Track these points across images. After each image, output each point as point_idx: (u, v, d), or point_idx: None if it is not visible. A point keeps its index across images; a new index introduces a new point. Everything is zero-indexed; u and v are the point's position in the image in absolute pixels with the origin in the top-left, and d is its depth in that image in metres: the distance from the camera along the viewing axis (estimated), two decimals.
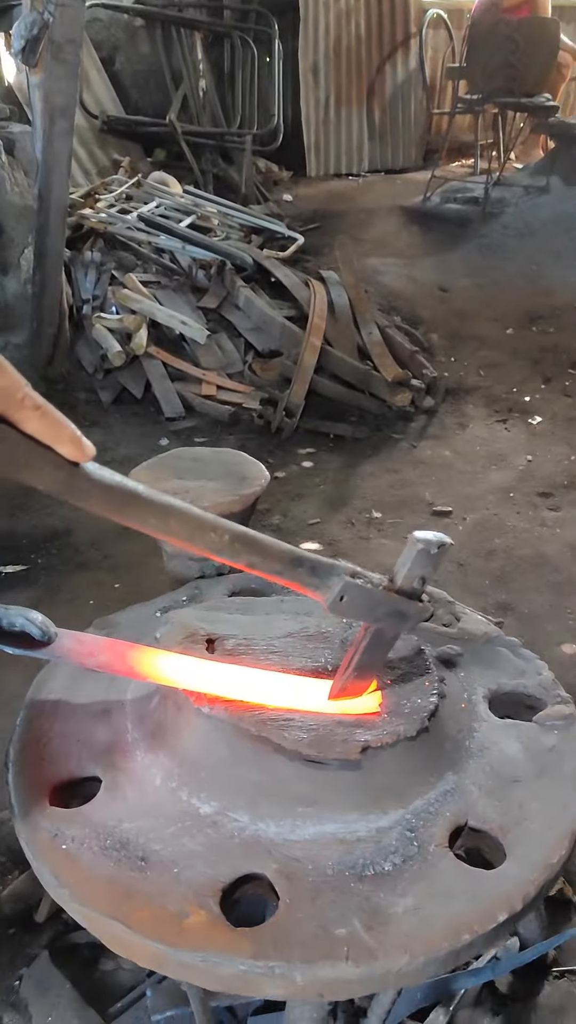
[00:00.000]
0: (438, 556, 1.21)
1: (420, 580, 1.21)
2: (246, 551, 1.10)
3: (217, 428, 4.65)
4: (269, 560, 1.12)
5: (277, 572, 1.13)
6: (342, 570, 1.17)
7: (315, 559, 1.15)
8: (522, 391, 5.20)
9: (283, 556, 1.13)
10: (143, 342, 4.92)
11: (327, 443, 4.59)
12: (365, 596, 1.18)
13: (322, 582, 1.15)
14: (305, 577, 1.14)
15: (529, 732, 1.37)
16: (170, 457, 1.85)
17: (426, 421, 4.88)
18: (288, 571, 1.13)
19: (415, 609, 1.22)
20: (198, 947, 1.04)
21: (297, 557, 1.14)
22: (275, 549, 1.13)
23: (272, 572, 1.12)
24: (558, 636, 3.00)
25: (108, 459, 4.32)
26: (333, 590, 1.15)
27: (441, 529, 1.32)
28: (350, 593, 1.16)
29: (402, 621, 1.22)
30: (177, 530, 1.06)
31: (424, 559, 1.20)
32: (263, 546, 1.12)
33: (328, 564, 1.16)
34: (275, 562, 1.12)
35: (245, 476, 1.77)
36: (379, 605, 1.19)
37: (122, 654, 1.25)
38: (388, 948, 1.04)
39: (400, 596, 1.21)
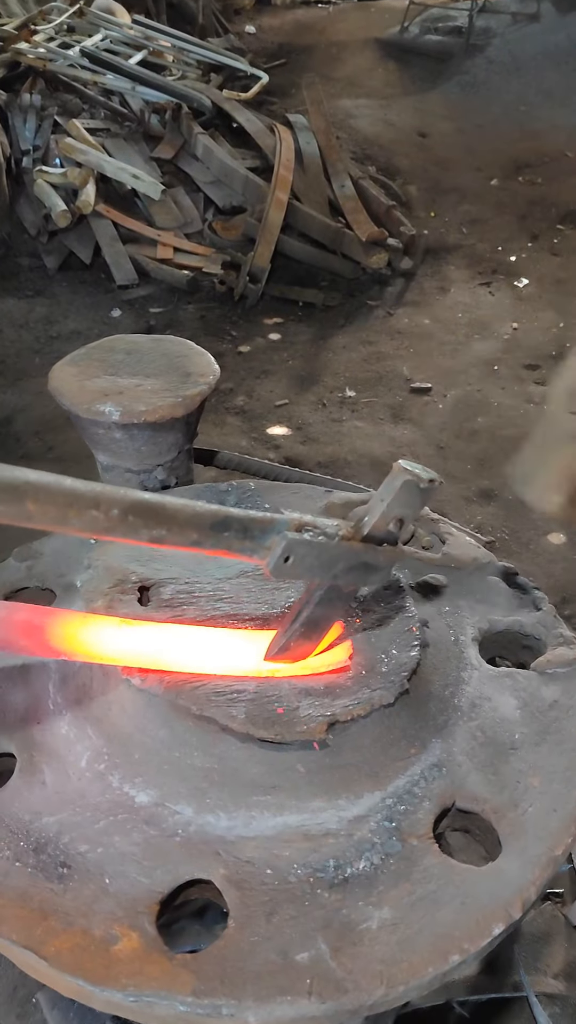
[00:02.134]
0: (426, 494, 0.96)
1: (397, 522, 0.96)
2: (148, 524, 0.83)
3: (174, 297, 4.25)
4: (181, 530, 0.86)
5: (195, 543, 0.87)
6: (283, 524, 0.91)
7: (245, 517, 0.90)
8: (507, 250, 4.80)
9: (200, 521, 0.87)
10: (91, 199, 4.43)
11: (296, 312, 4.23)
12: (318, 552, 0.93)
13: (258, 544, 0.90)
14: (234, 542, 0.89)
15: (527, 684, 1.16)
16: (100, 349, 1.55)
17: (403, 285, 4.50)
18: (209, 539, 0.87)
19: (385, 558, 0.98)
20: (129, 983, 0.85)
21: (221, 520, 0.88)
22: (187, 514, 0.86)
23: (188, 543, 0.86)
24: (544, 525, 2.79)
25: (54, 334, 3.95)
26: (274, 551, 0.90)
27: (420, 408, 1.05)
28: (297, 552, 0.91)
29: (368, 574, 0.99)
30: (39, 514, 0.79)
31: (409, 496, 0.95)
32: (171, 514, 0.85)
33: (264, 520, 0.90)
34: (190, 531, 0.86)
35: (189, 372, 1.48)
36: (337, 560, 0.95)
37: (38, 628, 0.99)
38: (360, 977, 0.85)
39: (366, 545, 0.96)
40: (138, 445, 1.44)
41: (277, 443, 3.25)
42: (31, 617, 1.00)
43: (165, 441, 1.45)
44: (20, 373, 3.52)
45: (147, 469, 1.48)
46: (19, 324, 3.94)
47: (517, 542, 2.68)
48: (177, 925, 0.98)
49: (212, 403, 3.43)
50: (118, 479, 1.51)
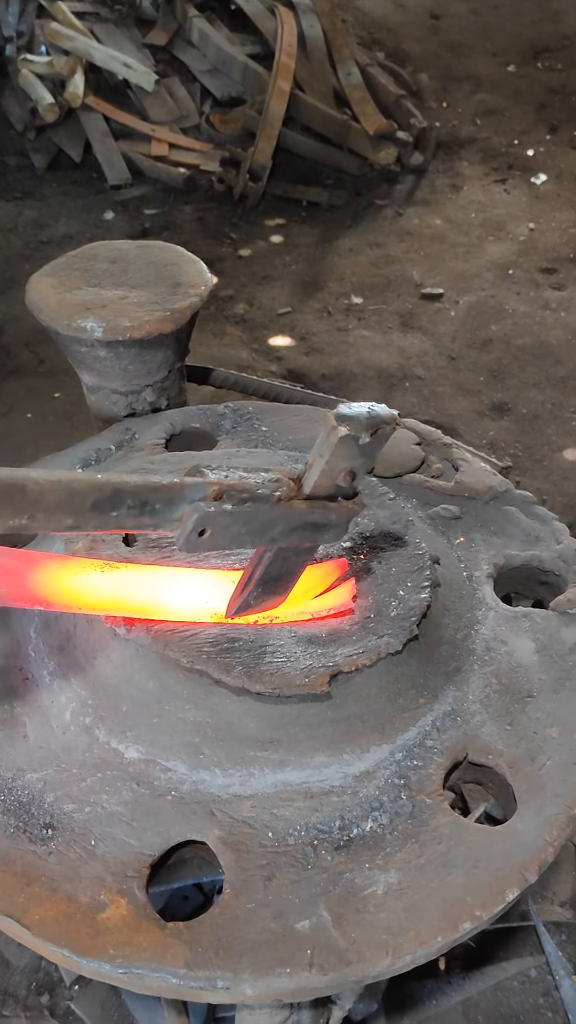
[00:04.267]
0: (374, 444, 0.81)
1: (347, 475, 0.82)
2: (4, 511, 0.65)
3: (170, 197, 4.02)
4: (50, 516, 0.67)
5: (72, 526, 0.69)
6: (196, 492, 0.74)
7: (141, 488, 0.71)
8: (524, 143, 4.51)
9: (76, 503, 0.68)
10: (79, 91, 4.15)
11: (299, 212, 4.00)
12: (242, 520, 0.77)
13: (162, 518, 0.74)
14: (129, 519, 0.72)
15: (546, 625, 1.08)
16: (81, 257, 1.41)
17: (414, 182, 4.25)
18: (92, 521, 0.70)
19: (338, 515, 0.84)
20: (117, 954, 0.79)
21: (107, 497, 0.69)
22: (58, 495, 0.67)
23: (64, 528, 0.69)
24: (559, 440, 2.68)
25: (45, 239, 3.75)
26: (185, 525, 0.74)
27: (431, 316, 0.90)
28: (215, 524, 0.76)
29: (317, 533, 0.85)
30: None
31: (349, 449, 0.80)
32: (33, 498, 0.66)
33: (169, 489, 0.73)
34: (62, 515, 0.68)
35: (179, 282, 1.34)
36: (273, 524, 0.80)
37: (14, 573, 0.90)
38: (364, 948, 0.80)
39: (311, 503, 0.82)
40: (124, 364, 1.32)
41: (279, 354, 3.11)
42: (5, 561, 0.91)
43: (154, 359, 1.34)
44: (9, 282, 3.35)
45: (135, 390, 1.36)
46: (7, 228, 3.74)
47: (531, 459, 2.57)
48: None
49: (211, 312, 3.28)
50: (104, 401, 1.40)
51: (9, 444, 2.58)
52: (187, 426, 1.35)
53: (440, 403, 2.81)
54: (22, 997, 1.56)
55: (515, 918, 1.61)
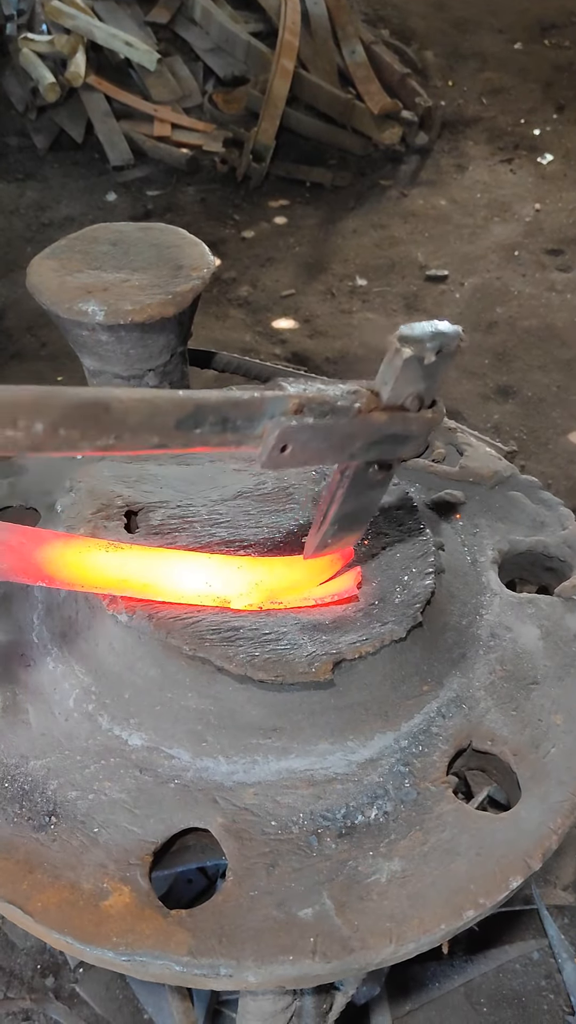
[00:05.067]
0: (439, 364, 0.78)
1: (415, 399, 0.80)
2: (87, 435, 0.65)
3: (173, 178, 3.99)
4: (136, 435, 0.67)
5: (159, 444, 0.69)
6: (275, 405, 0.72)
7: (223, 404, 0.70)
8: (531, 122, 4.46)
9: (160, 421, 0.68)
10: (81, 70, 4.10)
11: (303, 193, 3.97)
12: (323, 435, 0.76)
13: (244, 435, 0.73)
14: (212, 436, 0.71)
15: (550, 611, 1.07)
16: (82, 240, 1.39)
17: (418, 163, 4.21)
18: (177, 439, 0.69)
19: (417, 424, 0.81)
20: (120, 942, 0.79)
21: (189, 413, 0.68)
22: (142, 414, 0.67)
23: (149, 447, 0.69)
24: (565, 424, 2.66)
25: (46, 221, 3.72)
26: (266, 441, 0.73)
27: (436, 298, 0.88)
28: (296, 439, 0.74)
29: (397, 446, 0.82)
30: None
31: (414, 371, 0.77)
32: (118, 417, 0.66)
33: (250, 404, 0.72)
34: (147, 434, 0.67)
35: (181, 264, 1.33)
36: (352, 438, 0.78)
37: (19, 549, 0.89)
38: (367, 935, 0.80)
39: (391, 413, 0.79)
40: (126, 348, 1.30)
41: (283, 337, 3.09)
42: (11, 537, 0.90)
43: (156, 343, 1.32)
44: (11, 264, 3.33)
45: (137, 375, 1.35)
46: (9, 210, 3.71)
47: (536, 442, 2.55)
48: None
49: (214, 294, 3.25)
50: (106, 385, 1.38)
51: None
52: None
53: (444, 386, 2.78)
54: (27, 979, 1.57)
55: (518, 902, 1.61)
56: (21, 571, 0.86)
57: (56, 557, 0.89)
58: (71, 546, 0.91)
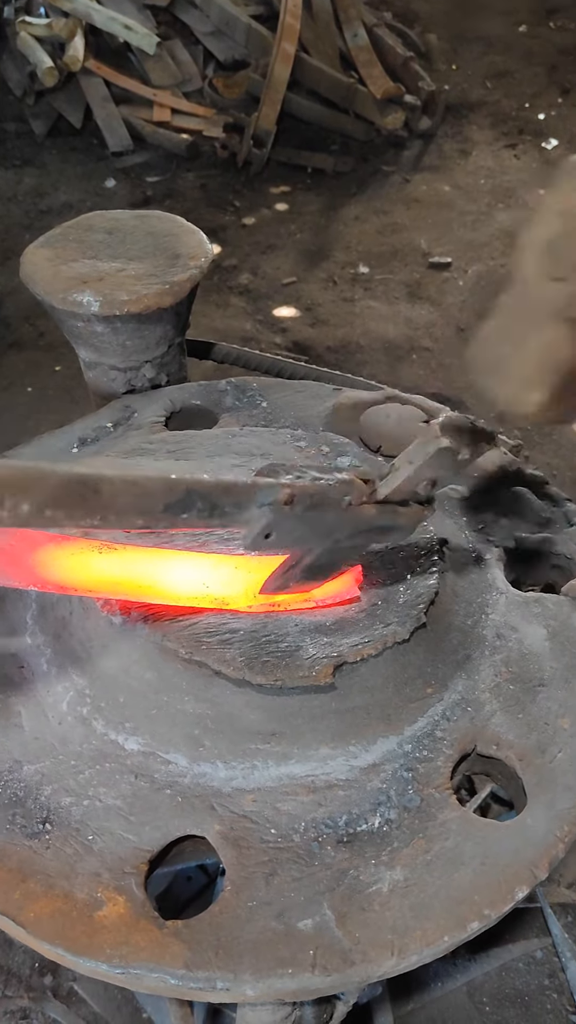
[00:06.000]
0: (466, 462, 0.80)
1: (428, 484, 0.81)
2: (72, 515, 0.63)
3: (173, 164, 3.94)
4: (122, 518, 0.66)
5: (143, 526, 0.68)
6: (267, 494, 0.72)
7: (213, 490, 0.69)
8: (535, 106, 4.40)
9: (148, 505, 0.66)
10: (79, 54, 4.05)
11: (304, 179, 3.92)
12: (309, 524, 0.76)
13: (231, 520, 0.72)
14: (199, 520, 0.70)
15: (557, 610, 1.04)
16: (77, 228, 1.36)
17: (421, 148, 4.15)
18: (163, 522, 0.68)
19: (407, 520, 0.82)
20: (114, 954, 0.77)
21: (179, 499, 0.67)
22: (131, 496, 0.65)
23: (134, 528, 0.68)
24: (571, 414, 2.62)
25: (45, 208, 3.68)
26: (252, 528, 0.73)
27: (439, 285, 0.86)
28: (282, 528, 0.74)
29: (382, 535, 0.84)
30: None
31: (443, 462, 0.78)
32: (106, 500, 0.64)
33: (240, 490, 0.71)
34: (133, 517, 0.66)
35: (179, 253, 1.29)
36: (339, 527, 0.79)
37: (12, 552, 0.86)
38: (368, 948, 0.78)
39: (382, 508, 0.80)
40: (122, 339, 1.28)
41: (284, 326, 3.05)
42: (0, 539, 0.87)
43: (152, 334, 1.29)
44: (8, 252, 3.29)
45: (134, 366, 1.32)
46: (6, 197, 3.67)
47: (540, 432, 2.52)
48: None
49: (214, 282, 3.22)
50: (102, 377, 1.36)
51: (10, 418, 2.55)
52: (187, 403, 1.31)
53: (448, 375, 2.76)
54: (25, 977, 1.56)
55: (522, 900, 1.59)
56: (12, 574, 0.84)
57: (48, 560, 0.86)
58: (63, 548, 0.88)
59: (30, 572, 0.84)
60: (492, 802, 1.59)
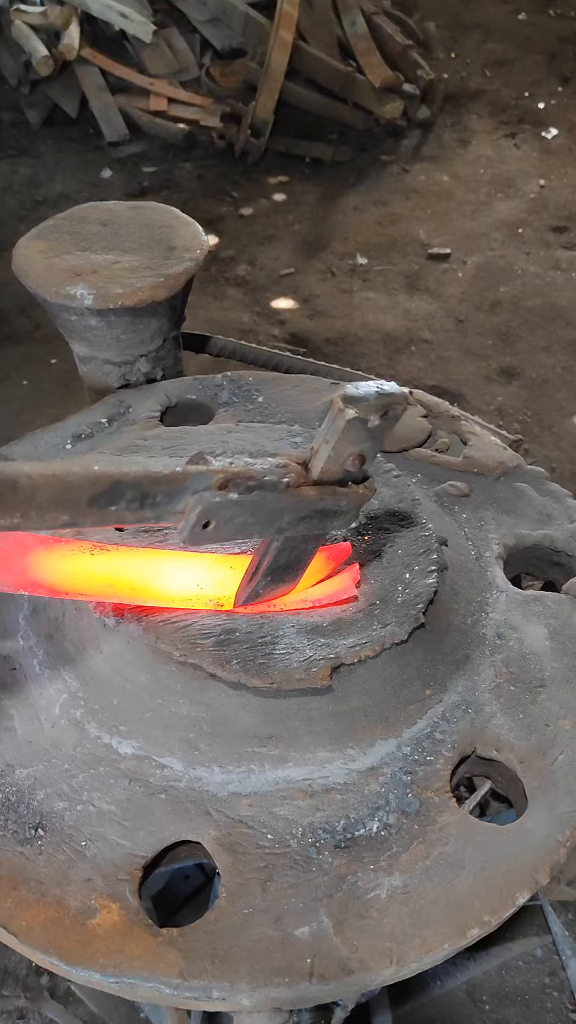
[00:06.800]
0: (383, 426, 0.76)
1: (356, 459, 0.78)
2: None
3: (169, 154, 3.91)
4: (43, 514, 0.63)
5: (68, 523, 0.64)
6: (200, 481, 0.70)
7: (142, 479, 0.66)
8: (535, 95, 4.36)
9: (72, 498, 0.63)
10: (75, 43, 4.01)
11: (302, 169, 3.88)
12: (249, 511, 0.73)
13: (164, 511, 0.70)
14: (129, 513, 0.67)
15: (558, 609, 1.03)
16: (71, 220, 1.34)
17: (420, 137, 4.12)
18: (90, 516, 0.65)
19: (349, 501, 0.80)
20: (108, 964, 0.76)
21: (105, 490, 0.65)
22: (52, 490, 0.62)
23: (59, 525, 0.64)
24: (569, 406, 2.61)
25: (40, 198, 3.65)
26: (187, 518, 0.70)
27: (438, 277, 0.85)
28: (220, 515, 0.72)
29: (327, 520, 0.81)
30: None
31: (357, 433, 0.76)
32: (25, 495, 0.61)
33: (171, 479, 0.68)
34: (57, 512, 0.63)
35: (174, 246, 1.27)
36: (280, 513, 0.76)
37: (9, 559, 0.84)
38: (366, 956, 0.76)
39: (321, 489, 0.78)
40: (116, 333, 1.26)
41: (282, 318, 3.03)
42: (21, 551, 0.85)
43: (147, 328, 1.27)
44: (3, 243, 3.27)
45: (128, 360, 1.30)
46: (1, 188, 3.64)
47: (540, 425, 2.50)
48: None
49: (211, 273, 3.19)
50: (97, 371, 1.34)
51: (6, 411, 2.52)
52: (183, 398, 1.29)
53: (447, 368, 2.74)
54: (22, 977, 1.55)
55: None
56: (2, 579, 0.82)
57: (38, 563, 0.84)
58: (55, 550, 0.86)
59: (20, 576, 0.82)
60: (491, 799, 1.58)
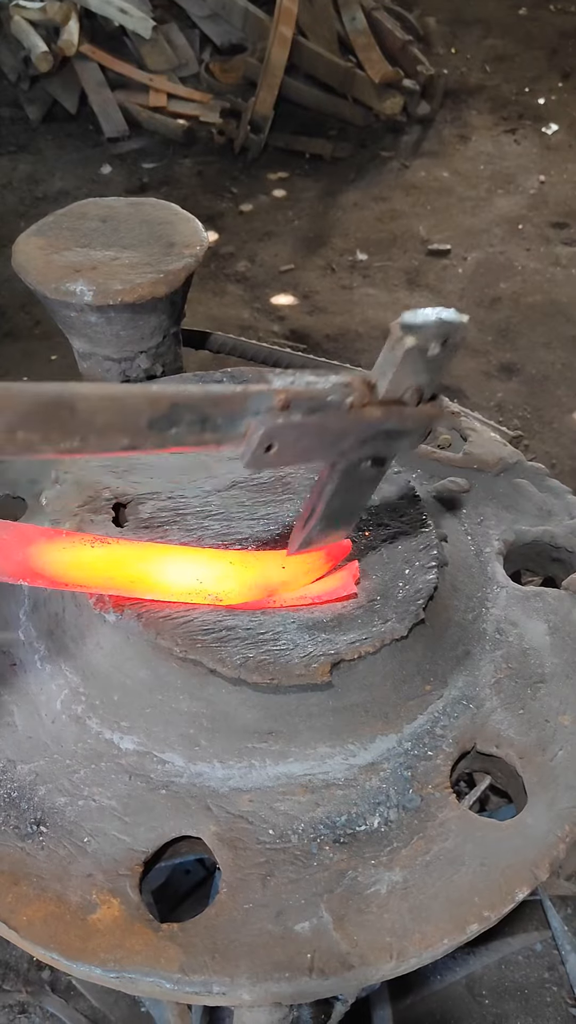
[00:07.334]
0: (443, 356, 0.72)
1: (414, 392, 0.74)
2: (49, 437, 0.58)
3: (169, 150, 3.90)
4: (102, 437, 0.61)
5: (129, 446, 0.63)
6: (260, 401, 0.66)
7: (202, 400, 0.64)
8: (535, 91, 4.35)
9: (135, 416, 0.62)
10: (74, 39, 4.00)
11: (302, 165, 3.88)
12: (312, 432, 0.70)
13: (226, 434, 0.67)
14: (190, 436, 0.65)
15: (558, 605, 1.03)
16: (70, 216, 1.34)
17: (420, 133, 4.11)
18: (153, 437, 0.63)
19: (414, 420, 0.75)
20: (108, 958, 0.76)
21: (167, 410, 0.62)
22: (111, 413, 0.60)
23: (119, 448, 0.63)
24: (569, 402, 2.61)
25: (40, 195, 3.65)
26: (250, 441, 0.67)
27: (438, 273, 0.83)
28: (282, 437, 0.68)
29: (392, 442, 0.77)
30: None
31: (415, 363, 0.72)
32: (84, 418, 0.59)
33: (232, 400, 0.66)
34: (116, 435, 0.62)
35: (173, 242, 1.27)
36: (343, 435, 0.73)
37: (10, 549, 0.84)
38: (366, 951, 0.76)
39: (386, 408, 0.73)
40: (116, 329, 1.26)
41: (282, 314, 3.02)
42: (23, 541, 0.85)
43: (147, 324, 1.27)
44: (3, 240, 3.25)
45: (128, 356, 1.30)
46: (1, 184, 3.63)
47: (540, 421, 2.50)
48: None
49: (211, 270, 3.18)
50: (97, 368, 1.34)
51: None
52: None
53: None
54: (23, 971, 1.55)
55: None
56: (3, 568, 0.82)
57: (40, 553, 0.84)
58: (56, 542, 0.86)
59: (21, 566, 0.82)
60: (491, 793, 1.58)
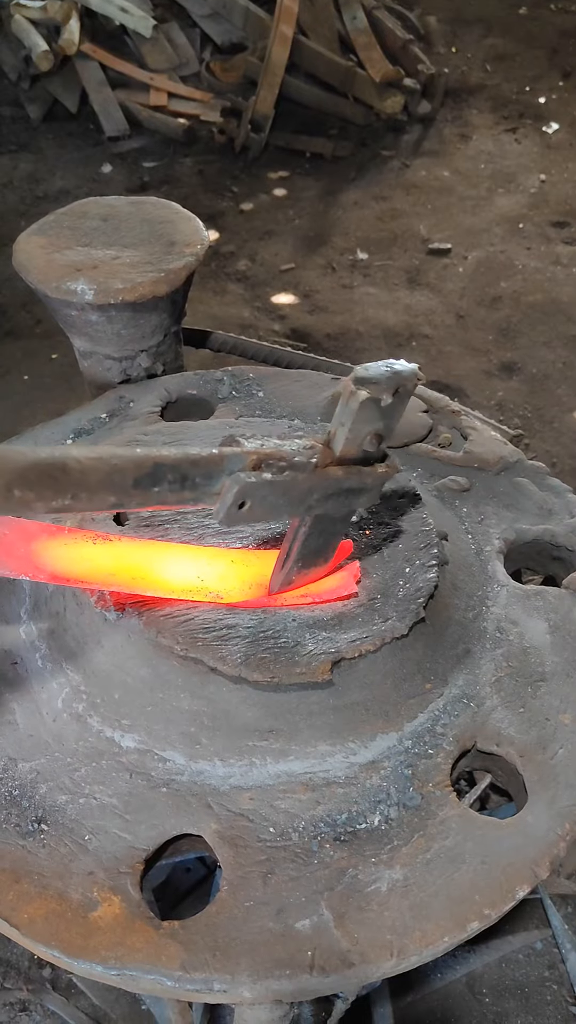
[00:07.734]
0: (396, 404, 0.79)
1: (373, 439, 0.81)
2: (43, 496, 0.63)
3: (170, 149, 3.90)
4: (93, 496, 0.66)
5: (115, 504, 0.68)
6: (235, 463, 0.73)
7: (181, 462, 0.70)
8: (536, 90, 4.35)
9: (118, 480, 0.67)
10: (75, 38, 4.00)
11: (303, 164, 3.88)
12: (280, 490, 0.76)
13: (202, 492, 0.73)
14: (170, 494, 0.71)
15: (558, 603, 1.03)
16: (71, 215, 1.34)
17: (421, 132, 4.10)
18: (135, 498, 0.69)
19: (373, 479, 0.83)
20: (109, 956, 0.76)
21: (147, 472, 0.68)
22: (100, 474, 0.66)
23: (107, 507, 0.68)
24: (570, 401, 2.61)
25: (41, 194, 3.65)
26: (224, 498, 0.73)
27: (439, 272, 0.86)
28: (254, 495, 0.74)
29: (352, 498, 0.84)
30: None
31: (371, 412, 0.78)
32: (76, 478, 0.65)
33: (208, 461, 0.72)
34: (105, 494, 0.67)
35: (174, 241, 1.27)
36: (310, 492, 0.79)
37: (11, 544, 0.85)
38: (367, 948, 0.76)
39: (346, 469, 0.81)
40: (117, 328, 1.26)
41: (283, 313, 3.02)
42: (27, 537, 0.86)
43: (148, 323, 1.27)
44: (4, 239, 3.26)
45: (129, 355, 1.30)
46: (2, 183, 3.63)
47: (540, 420, 2.50)
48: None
49: (211, 269, 3.19)
50: (97, 367, 1.34)
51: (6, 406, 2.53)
52: (183, 393, 1.29)
53: (447, 363, 2.73)
54: (24, 969, 1.56)
55: None
56: (4, 563, 0.82)
57: (42, 549, 0.84)
58: (57, 538, 0.86)
59: (22, 561, 0.82)
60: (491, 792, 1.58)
